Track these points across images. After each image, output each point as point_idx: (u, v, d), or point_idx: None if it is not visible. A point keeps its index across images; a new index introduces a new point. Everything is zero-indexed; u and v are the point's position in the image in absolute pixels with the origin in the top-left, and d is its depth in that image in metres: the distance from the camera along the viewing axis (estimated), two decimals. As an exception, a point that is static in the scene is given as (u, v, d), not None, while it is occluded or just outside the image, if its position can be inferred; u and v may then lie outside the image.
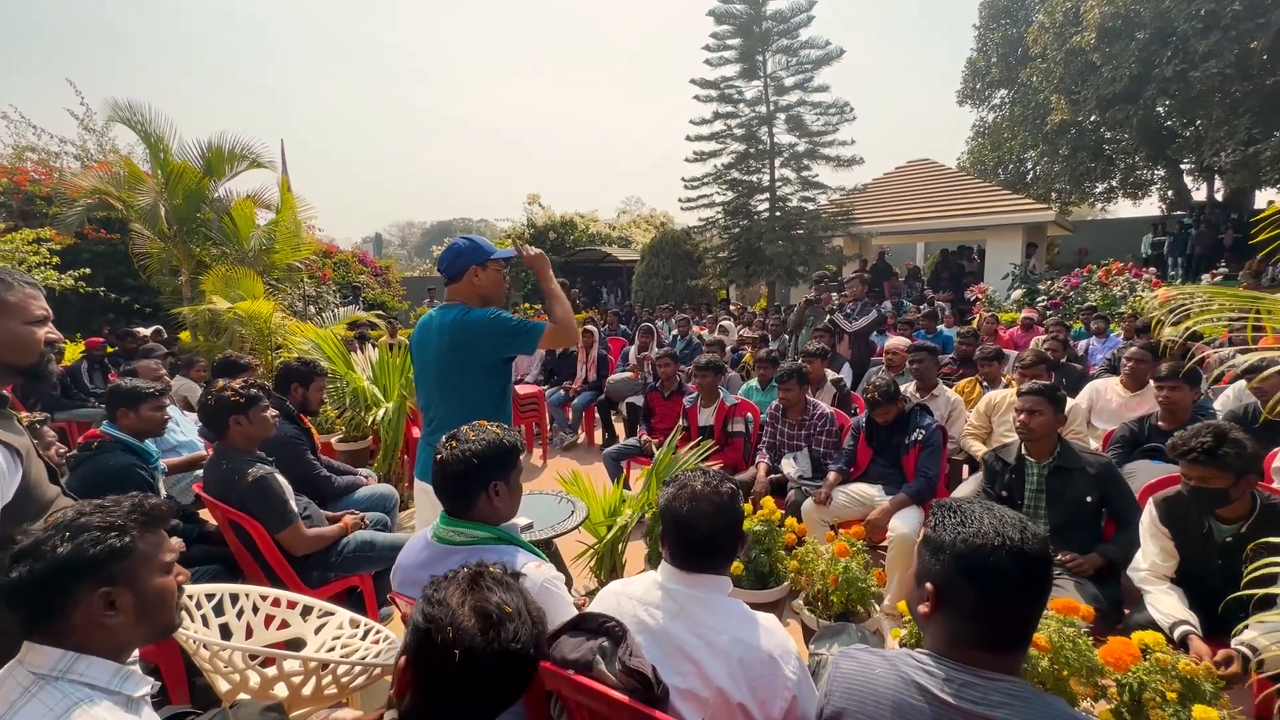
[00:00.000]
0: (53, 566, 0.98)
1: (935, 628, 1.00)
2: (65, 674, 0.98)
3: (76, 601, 1.00)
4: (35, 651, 0.99)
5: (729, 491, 1.32)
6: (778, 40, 13.49)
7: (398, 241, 67.22)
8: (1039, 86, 17.70)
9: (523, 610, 1.01)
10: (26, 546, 1.00)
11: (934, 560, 1.00)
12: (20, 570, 0.98)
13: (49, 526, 1.03)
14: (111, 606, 1.02)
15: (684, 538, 1.29)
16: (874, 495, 3.28)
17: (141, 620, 1.07)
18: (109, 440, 2.58)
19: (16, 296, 1.32)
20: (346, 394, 4.64)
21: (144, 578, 1.08)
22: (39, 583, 0.98)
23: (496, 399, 2.20)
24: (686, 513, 1.28)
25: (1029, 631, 0.97)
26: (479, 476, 1.46)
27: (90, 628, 1.01)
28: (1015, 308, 10.45)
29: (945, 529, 1.00)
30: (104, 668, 1.01)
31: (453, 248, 2.20)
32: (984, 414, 3.79)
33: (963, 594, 0.95)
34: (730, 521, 1.30)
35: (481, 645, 0.93)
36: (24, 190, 9.00)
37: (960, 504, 1.04)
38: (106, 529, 1.03)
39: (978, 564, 0.94)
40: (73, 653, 0.99)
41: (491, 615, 0.96)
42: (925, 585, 1.00)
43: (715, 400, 4.11)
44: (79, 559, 0.99)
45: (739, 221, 14.31)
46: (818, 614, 2.56)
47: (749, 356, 6.54)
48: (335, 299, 10.24)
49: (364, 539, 2.73)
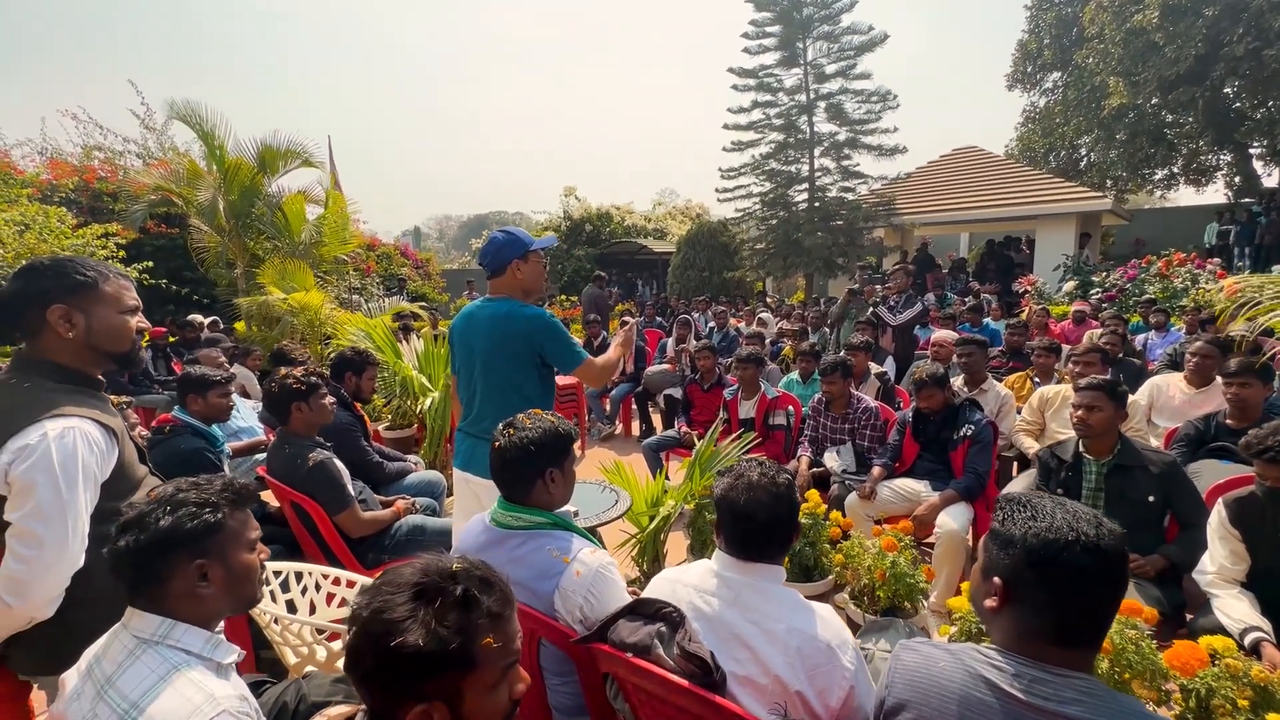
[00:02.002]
0: (155, 537, 1.06)
1: (1003, 623, 0.99)
2: (164, 639, 1.05)
3: (174, 571, 1.08)
4: (138, 617, 1.06)
5: (785, 482, 1.33)
6: (819, 26, 13.18)
7: (435, 235, 68.51)
8: (1095, 69, 16.89)
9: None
10: (132, 518, 1.08)
11: (1003, 555, 0.98)
12: (127, 539, 1.06)
13: (151, 501, 1.11)
14: (204, 578, 1.10)
15: (740, 527, 1.30)
16: (920, 491, 3.22)
17: (230, 592, 1.14)
18: (180, 425, 2.73)
19: (113, 287, 1.40)
20: (396, 383, 4.78)
21: (233, 552, 1.15)
22: (142, 551, 1.05)
23: (541, 393, 2.21)
24: (744, 502, 1.29)
25: (1103, 628, 0.95)
26: (536, 463, 1.50)
27: (185, 596, 1.09)
28: (1067, 300, 10.06)
29: (1015, 523, 0.98)
30: (197, 635, 1.08)
31: (493, 241, 2.21)
32: (1036, 409, 3.68)
33: (1034, 589, 0.94)
34: (787, 511, 1.31)
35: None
36: (92, 188, 9.49)
37: (1029, 498, 1.02)
38: (202, 505, 1.11)
39: (1050, 559, 0.93)
40: (170, 620, 1.06)
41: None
42: (993, 580, 0.99)
43: (756, 393, 4.09)
44: (177, 531, 1.07)
45: (777, 212, 14.08)
46: (863, 608, 2.54)
47: (789, 349, 6.48)
48: (379, 291, 10.52)
49: (415, 523, 2.82)
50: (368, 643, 0.82)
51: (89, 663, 1.07)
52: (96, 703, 0.99)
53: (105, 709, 0.97)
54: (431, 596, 0.84)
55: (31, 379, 1.33)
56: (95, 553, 1.30)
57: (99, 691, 1.01)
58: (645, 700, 1.26)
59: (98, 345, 1.40)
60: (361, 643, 0.83)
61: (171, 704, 0.98)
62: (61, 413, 1.28)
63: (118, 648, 1.05)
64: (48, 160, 10.67)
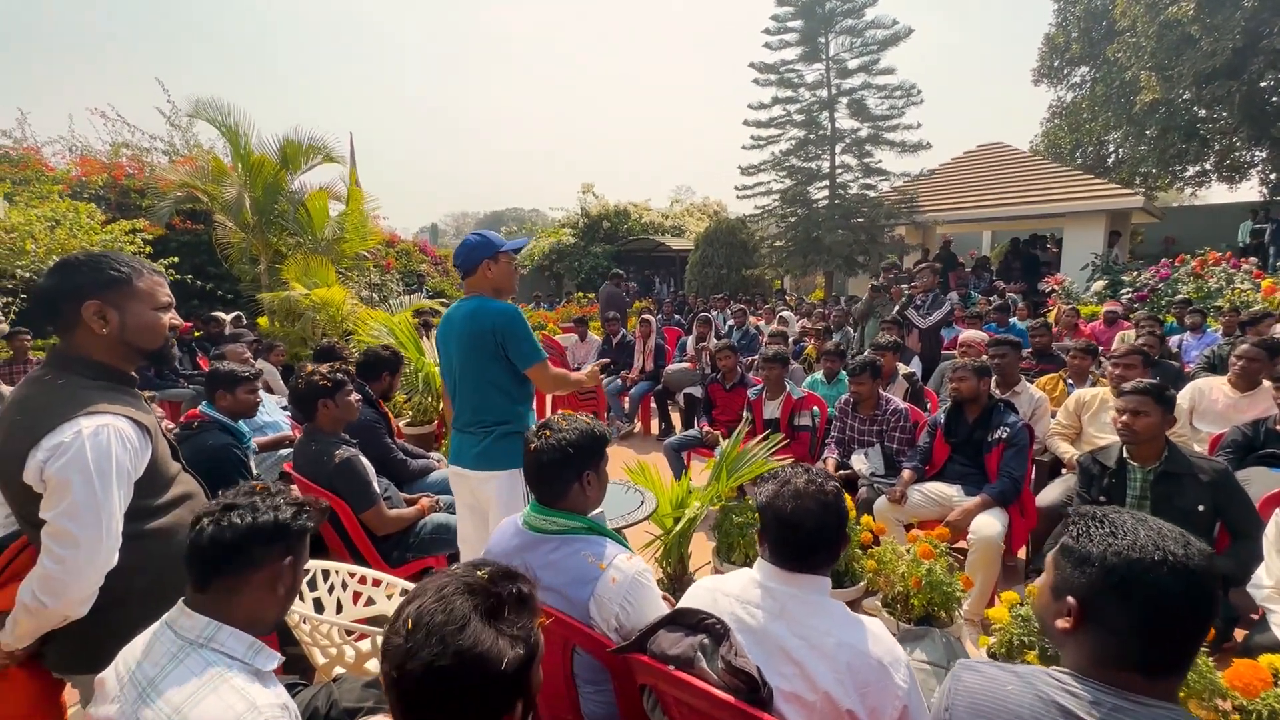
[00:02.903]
0: (272, 521, 1.09)
1: (1078, 646, 0.93)
2: (209, 642, 1.03)
3: (269, 560, 1.09)
4: (187, 616, 1.05)
5: (834, 489, 1.28)
6: (842, 21, 13.00)
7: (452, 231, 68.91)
8: (1126, 63, 16.44)
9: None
10: (239, 502, 1.10)
11: (1078, 573, 0.92)
12: (240, 516, 1.07)
13: (257, 491, 1.14)
14: (280, 577, 1.12)
15: (787, 536, 1.25)
16: (952, 495, 3.14)
17: (288, 598, 1.14)
18: (208, 420, 2.73)
19: (146, 283, 1.39)
20: (418, 380, 4.78)
21: (301, 563, 1.17)
22: (257, 529, 1.07)
23: (514, 384, 2.29)
24: (790, 511, 1.23)
25: (1190, 655, 0.89)
26: (573, 465, 1.46)
27: (261, 591, 1.10)
28: (1096, 300, 9.82)
29: (1092, 539, 0.92)
30: (240, 640, 1.06)
31: (465, 244, 2.31)
32: (1073, 412, 3.57)
33: (1114, 612, 0.88)
34: (835, 521, 1.26)
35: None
36: (120, 184, 9.63)
37: (1107, 513, 0.96)
38: (301, 506, 1.14)
39: (1134, 580, 0.86)
40: (215, 622, 1.05)
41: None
42: (1066, 599, 0.93)
43: (781, 393, 4.02)
44: (287, 522, 1.10)
45: (796, 210, 13.94)
46: (897, 616, 2.47)
47: (811, 349, 6.39)
48: (399, 287, 10.57)
49: (440, 521, 2.81)
50: (463, 682, 0.82)
51: (129, 664, 1.05)
52: (139, 706, 0.97)
53: (150, 713, 0.96)
54: (495, 611, 0.87)
55: (66, 376, 1.32)
56: (131, 552, 1.28)
57: (141, 694, 0.99)
58: (687, 715, 1.21)
59: (131, 342, 1.38)
60: (452, 684, 0.82)
61: (214, 711, 0.96)
62: (96, 410, 1.26)
63: (160, 650, 1.03)
64: (78, 157, 10.85)
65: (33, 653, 1.35)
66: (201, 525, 1.09)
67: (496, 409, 2.27)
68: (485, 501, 2.33)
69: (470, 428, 2.31)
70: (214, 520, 1.08)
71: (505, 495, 2.26)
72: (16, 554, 1.36)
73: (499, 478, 2.26)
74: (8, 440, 1.25)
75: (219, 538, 1.06)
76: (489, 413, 2.27)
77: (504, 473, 2.26)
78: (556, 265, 19.03)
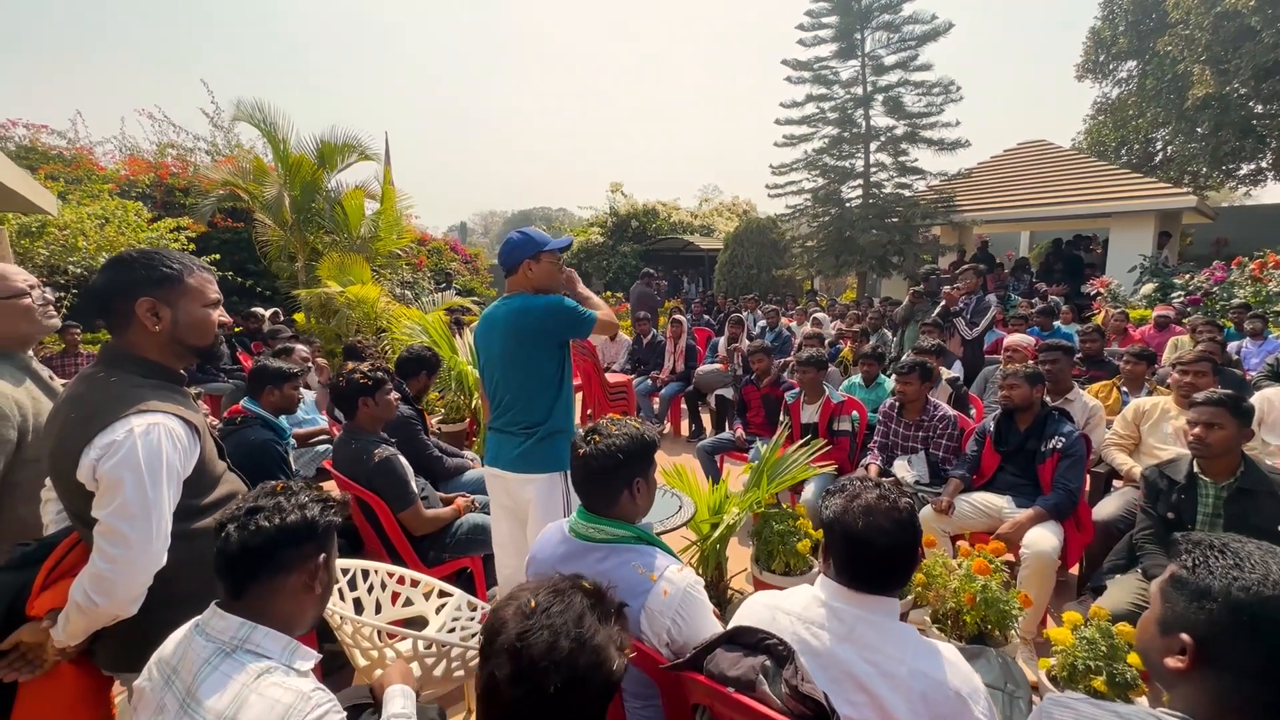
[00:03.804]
0: (300, 521, 1.05)
1: (1194, 688, 0.84)
2: (243, 644, 1.01)
3: (300, 561, 1.06)
4: (219, 618, 1.02)
5: (907, 506, 1.19)
6: (879, 16, 12.71)
7: (480, 230, 69.70)
8: (1178, 56, 15.80)
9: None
10: (265, 503, 1.06)
11: (1195, 608, 0.84)
12: (267, 518, 1.04)
13: (279, 490, 1.10)
14: (315, 578, 1.09)
15: (857, 554, 1.17)
16: (1003, 506, 3.01)
17: (323, 600, 1.10)
18: (250, 416, 2.76)
19: (197, 280, 1.38)
20: (451, 378, 4.79)
21: (334, 555, 1.13)
22: (285, 530, 1.04)
23: (559, 379, 2.26)
24: (862, 528, 1.16)
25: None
26: (624, 472, 1.41)
27: (296, 592, 1.07)
28: (1145, 304, 9.43)
29: (1213, 572, 0.83)
30: (276, 640, 1.04)
31: (508, 242, 2.27)
32: (1131, 422, 3.39)
33: (1243, 653, 0.79)
34: (909, 540, 1.18)
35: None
36: (165, 183, 9.92)
37: (1227, 541, 0.87)
38: (327, 504, 1.10)
39: (1267, 619, 0.78)
40: (250, 623, 1.02)
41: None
42: (1179, 636, 0.85)
43: (820, 397, 3.92)
44: (315, 521, 1.07)
45: (829, 209, 13.70)
46: (947, 633, 2.36)
47: (847, 351, 6.25)
48: (430, 285, 10.69)
49: (476, 521, 2.79)
50: (579, 673, 0.87)
51: (164, 671, 1.03)
52: (181, 717, 0.95)
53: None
54: (605, 613, 0.96)
55: (119, 373, 1.31)
56: (179, 551, 1.27)
57: (183, 705, 0.96)
58: (745, 739, 1.15)
59: (182, 339, 1.37)
60: (569, 673, 0.86)
61: (261, 709, 0.93)
62: (147, 408, 1.25)
63: (193, 657, 1.00)
64: (126, 157, 11.21)
65: (83, 649, 1.35)
66: (228, 532, 1.04)
67: (538, 409, 2.23)
68: (523, 504, 2.29)
69: (510, 428, 2.27)
70: (240, 525, 1.04)
71: (544, 498, 2.21)
72: (68, 551, 1.36)
73: (539, 481, 2.21)
74: (62, 438, 1.25)
75: (249, 543, 1.02)
76: (531, 413, 2.23)
77: (544, 476, 2.21)
78: (585, 264, 19.06)
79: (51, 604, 1.32)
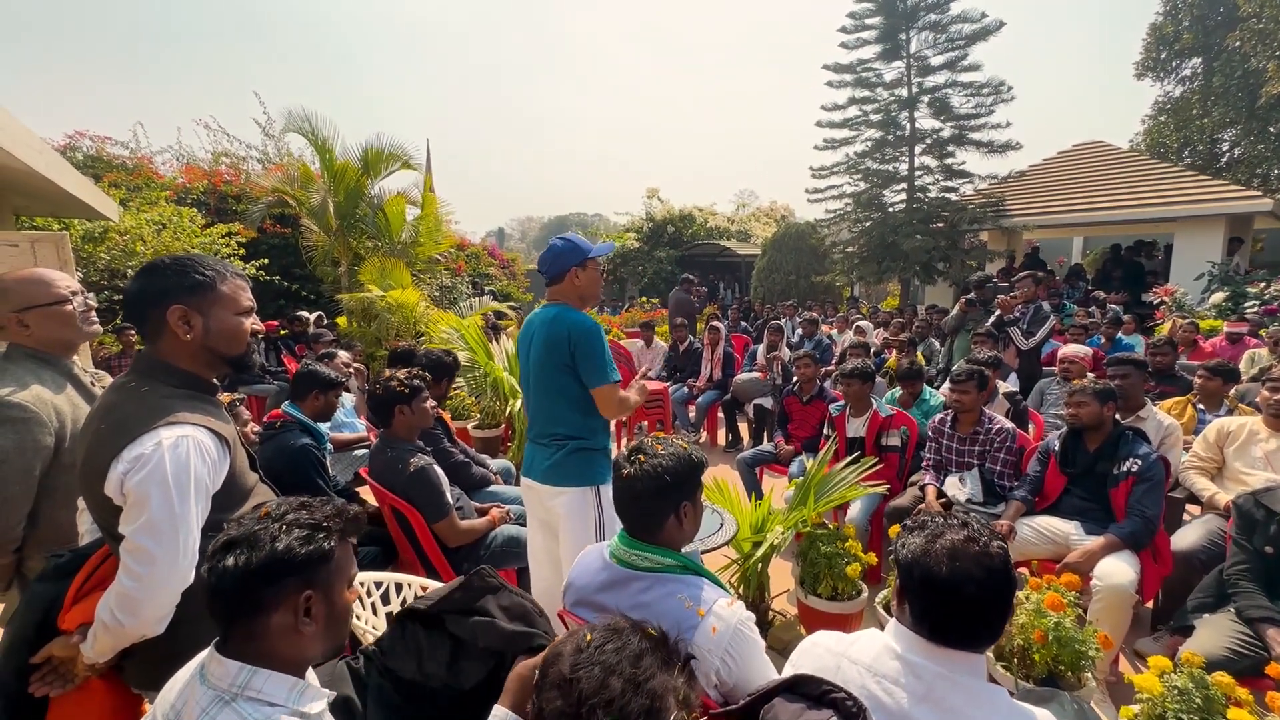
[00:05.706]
0: (270, 557, 0.94)
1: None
2: (244, 690, 0.93)
3: (281, 600, 0.96)
4: (217, 664, 0.94)
5: (1000, 551, 1.05)
6: (925, 16, 12.33)
7: (518, 235, 70.64)
8: (1250, 52, 14.94)
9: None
10: (239, 535, 0.97)
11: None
12: (235, 557, 0.94)
13: (260, 518, 1.00)
14: (307, 614, 0.98)
15: (940, 603, 1.04)
16: (1070, 533, 2.80)
17: (327, 633, 1.02)
18: (290, 421, 2.75)
19: (230, 287, 1.33)
20: (486, 384, 4.77)
21: (338, 587, 1.04)
22: (253, 573, 0.94)
23: (584, 398, 2.17)
24: (946, 574, 1.02)
25: None
26: (670, 497, 1.31)
27: (285, 633, 0.97)
28: (1214, 314, 8.85)
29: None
30: (281, 682, 0.96)
31: (551, 249, 2.20)
32: (1214, 444, 3.12)
33: None
34: (1004, 590, 1.03)
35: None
36: (219, 190, 10.28)
37: None
38: (315, 529, 1.00)
39: None
40: (250, 667, 0.94)
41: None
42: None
43: (867, 410, 3.74)
44: (293, 553, 0.96)
45: (871, 214, 13.35)
46: (1014, 672, 2.18)
47: (893, 361, 6.01)
48: (468, 290, 10.80)
49: (510, 534, 2.72)
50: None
51: (169, 715, 0.96)
52: None
53: None
54: (667, 660, 0.92)
55: (150, 383, 1.27)
56: (206, 569, 1.22)
57: None
58: (806, 802, 1.02)
59: (214, 347, 1.33)
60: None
61: None
62: (176, 419, 1.21)
63: (194, 706, 0.93)
64: (183, 166, 11.68)
65: (112, 665, 1.32)
66: (203, 571, 0.96)
67: (568, 422, 2.17)
68: (555, 516, 2.22)
69: (542, 439, 2.22)
70: (209, 565, 0.95)
71: (573, 513, 2.14)
72: (100, 563, 1.33)
73: (568, 494, 2.14)
74: (92, 449, 1.21)
75: (219, 586, 0.93)
76: (561, 425, 2.18)
77: (574, 490, 2.14)
78: (620, 270, 19.07)
79: (82, 618, 1.28)
